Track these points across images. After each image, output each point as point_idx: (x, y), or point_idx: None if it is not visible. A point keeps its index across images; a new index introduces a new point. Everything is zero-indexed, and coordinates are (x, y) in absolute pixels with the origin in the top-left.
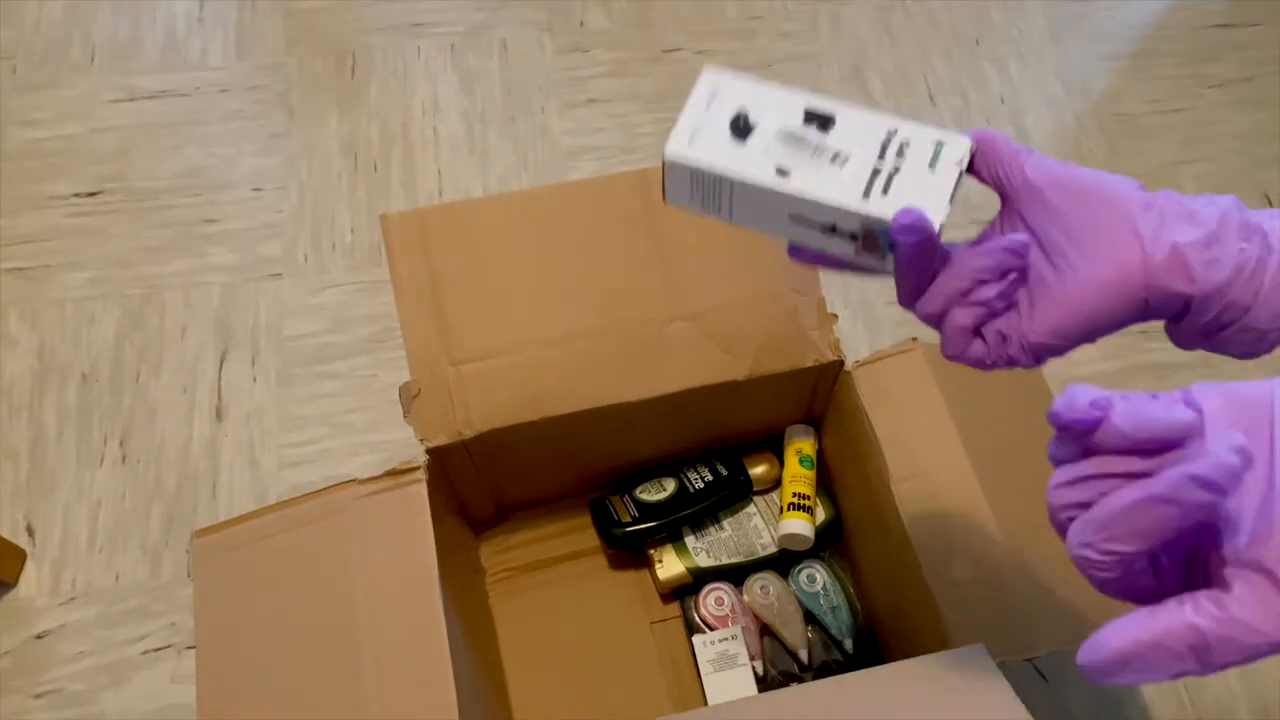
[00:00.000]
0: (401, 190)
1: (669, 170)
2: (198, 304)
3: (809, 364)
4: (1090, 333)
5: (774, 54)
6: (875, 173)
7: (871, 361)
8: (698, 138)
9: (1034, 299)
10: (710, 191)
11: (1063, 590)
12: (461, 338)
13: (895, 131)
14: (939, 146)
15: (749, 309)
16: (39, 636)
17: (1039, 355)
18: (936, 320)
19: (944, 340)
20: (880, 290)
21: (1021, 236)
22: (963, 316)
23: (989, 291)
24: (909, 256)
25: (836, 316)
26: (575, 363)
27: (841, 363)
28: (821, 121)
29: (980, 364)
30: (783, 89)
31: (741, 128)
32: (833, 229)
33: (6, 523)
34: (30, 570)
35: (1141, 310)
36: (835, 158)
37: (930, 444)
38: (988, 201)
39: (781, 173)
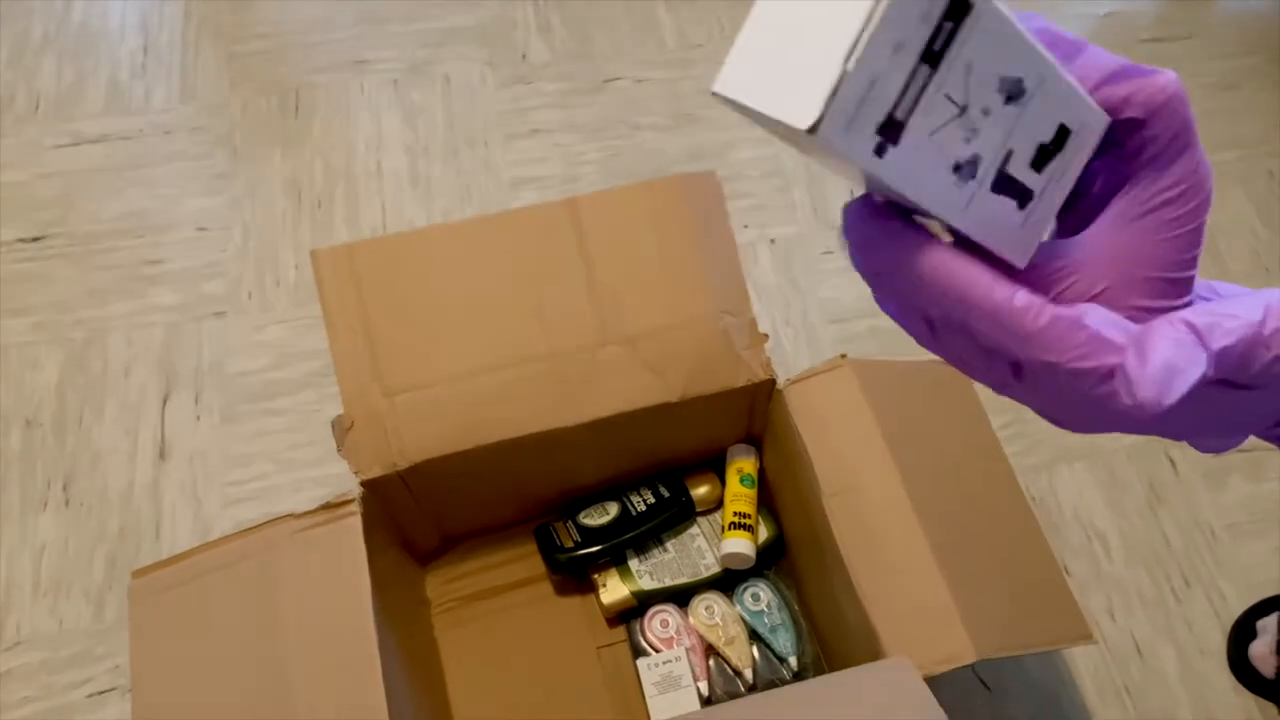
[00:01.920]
0: (345, 226)
1: None
2: (141, 345)
3: (741, 384)
4: None
5: (712, 82)
6: None
7: (802, 379)
8: None
9: None
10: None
11: (990, 601)
12: (394, 369)
13: None
14: None
15: (681, 332)
16: None
17: None
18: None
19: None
20: (821, 308)
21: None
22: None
23: None
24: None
25: (767, 336)
26: (508, 390)
27: (774, 381)
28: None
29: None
30: None
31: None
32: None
33: None
34: None
35: None
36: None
37: (861, 458)
38: None
39: None
